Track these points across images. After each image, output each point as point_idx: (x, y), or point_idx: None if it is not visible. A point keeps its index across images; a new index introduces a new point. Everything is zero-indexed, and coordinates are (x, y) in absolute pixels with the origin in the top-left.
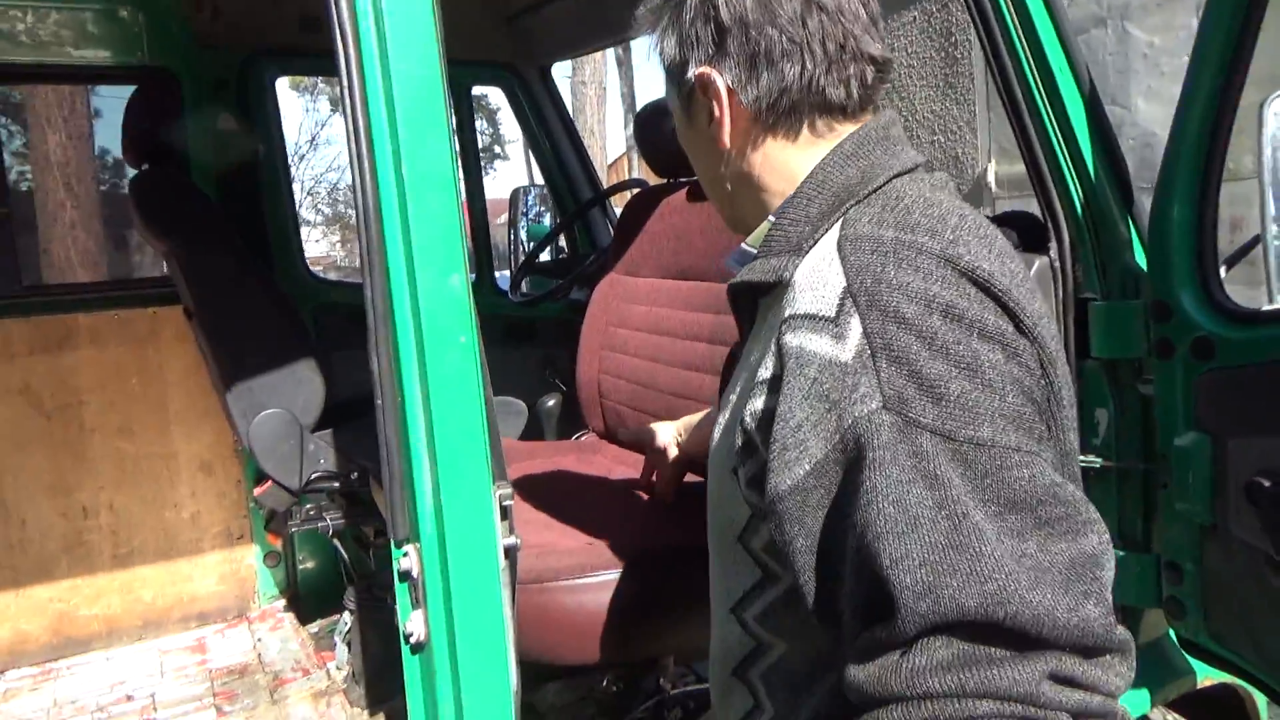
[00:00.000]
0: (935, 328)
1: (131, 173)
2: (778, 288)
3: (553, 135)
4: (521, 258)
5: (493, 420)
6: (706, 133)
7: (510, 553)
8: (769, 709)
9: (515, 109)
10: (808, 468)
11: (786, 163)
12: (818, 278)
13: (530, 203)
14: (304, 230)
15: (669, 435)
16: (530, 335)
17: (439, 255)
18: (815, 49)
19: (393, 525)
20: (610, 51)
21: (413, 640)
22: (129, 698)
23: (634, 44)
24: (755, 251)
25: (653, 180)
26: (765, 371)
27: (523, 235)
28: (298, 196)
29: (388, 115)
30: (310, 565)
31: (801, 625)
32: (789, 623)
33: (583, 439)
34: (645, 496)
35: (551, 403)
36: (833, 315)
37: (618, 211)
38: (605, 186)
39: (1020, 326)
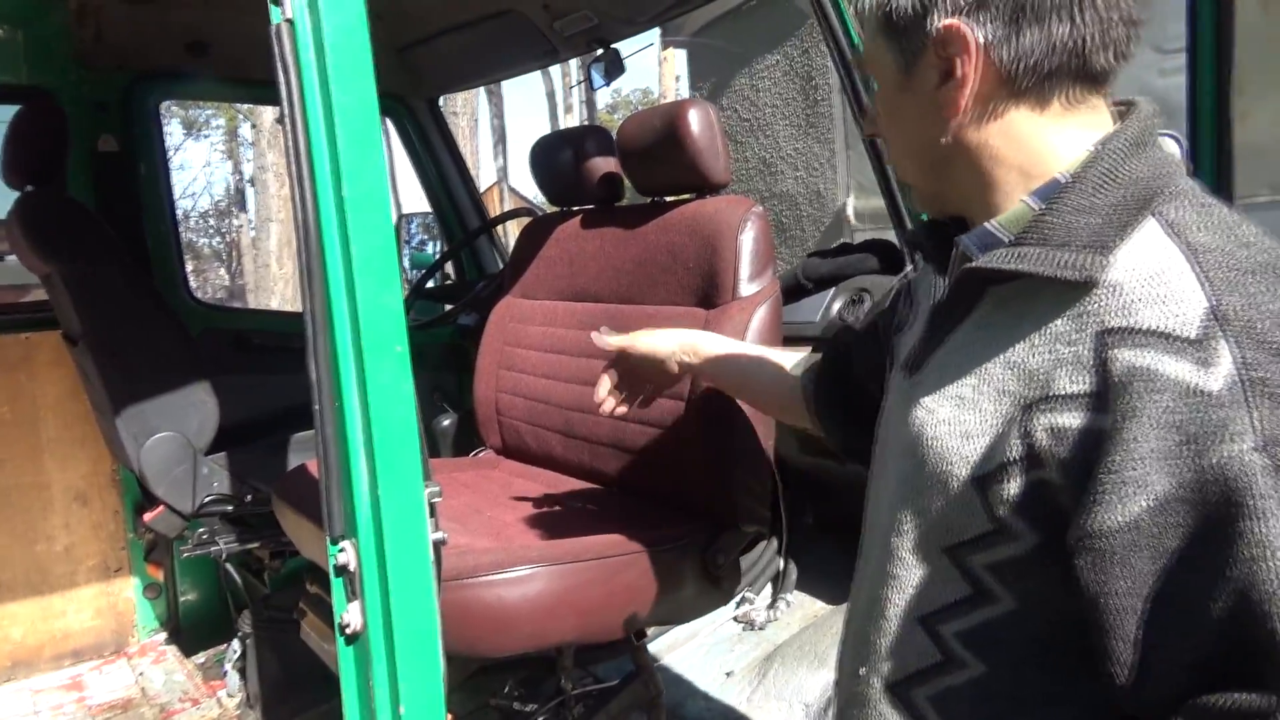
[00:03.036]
0: None
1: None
2: (1024, 280)
3: (440, 165)
4: (405, 285)
5: (422, 424)
6: (933, 95)
7: (437, 547)
8: None
9: (403, 139)
10: (1146, 504)
11: (1032, 135)
12: (1163, 290)
13: (413, 230)
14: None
15: (672, 347)
16: (418, 360)
17: (376, 270)
18: (1089, 6)
19: (329, 523)
20: None
21: (349, 631)
22: None
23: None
24: (1005, 236)
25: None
26: (1073, 385)
27: (405, 263)
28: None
29: (328, 141)
30: (192, 596)
31: (1022, 656)
32: (1003, 649)
33: (481, 455)
34: (546, 505)
35: (447, 422)
36: (1195, 338)
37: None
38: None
39: None
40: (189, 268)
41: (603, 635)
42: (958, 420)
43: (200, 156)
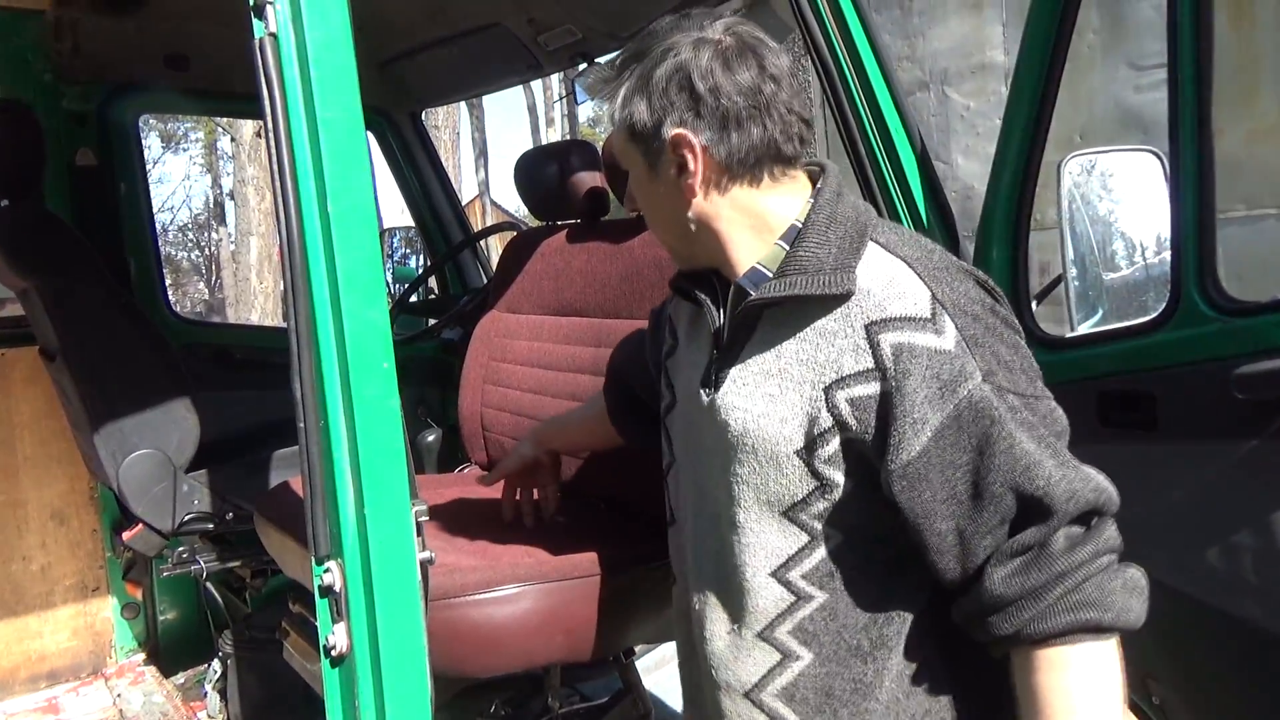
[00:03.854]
0: (990, 322)
1: None
2: (793, 301)
3: (423, 179)
4: (389, 299)
5: (408, 442)
6: (674, 182)
7: (424, 567)
8: (804, 656)
9: (386, 153)
10: (930, 435)
11: (753, 204)
12: (899, 289)
13: (395, 244)
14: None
15: (534, 450)
16: (401, 375)
17: (362, 286)
18: (773, 115)
19: (314, 543)
20: None
21: (334, 653)
22: None
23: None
24: (769, 272)
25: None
26: (857, 365)
27: (388, 278)
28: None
29: (312, 156)
30: (171, 616)
31: (850, 576)
32: (836, 576)
33: (465, 471)
34: (533, 520)
35: (432, 438)
36: (928, 317)
37: (488, 253)
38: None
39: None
40: (168, 282)
41: (591, 654)
42: (773, 412)
43: (179, 170)
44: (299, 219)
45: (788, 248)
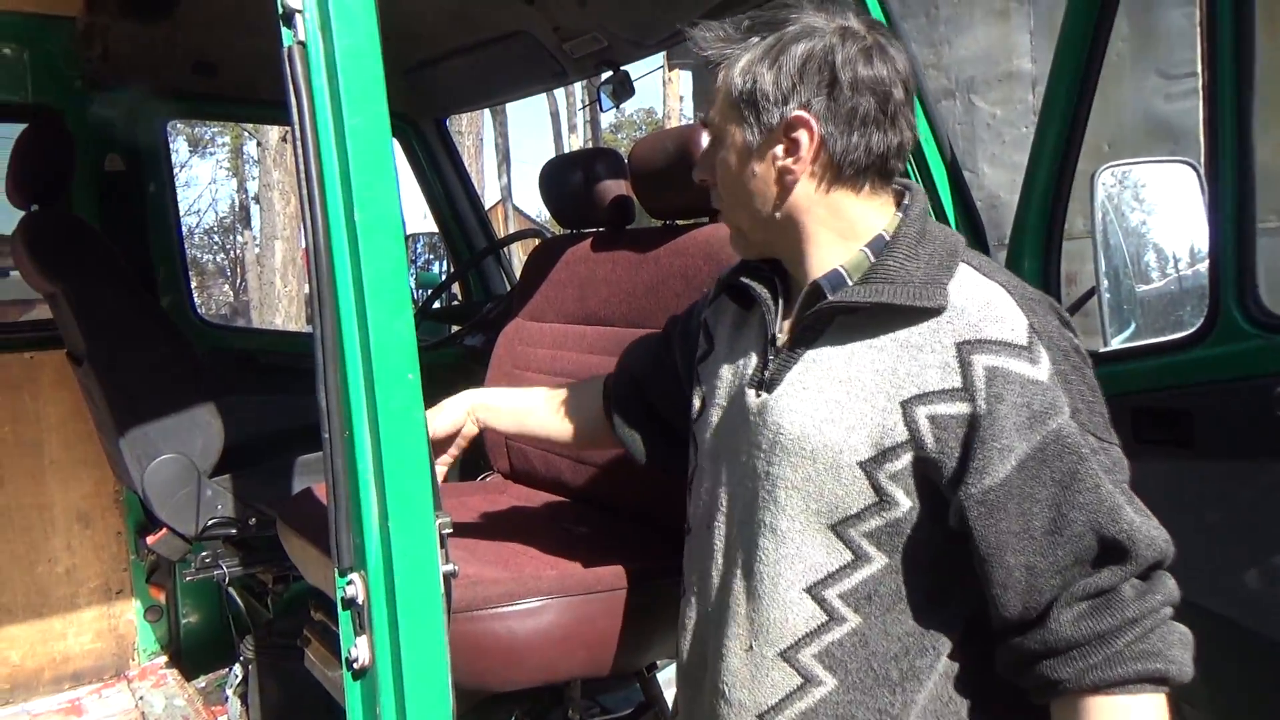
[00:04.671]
0: (1076, 361)
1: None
2: (874, 310)
3: (448, 186)
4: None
5: (432, 453)
6: (774, 164)
7: (447, 580)
8: (827, 683)
9: (410, 159)
10: (1013, 464)
11: (847, 208)
12: (996, 312)
13: (418, 250)
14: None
15: (463, 417)
16: (424, 382)
17: (388, 296)
18: (895, 123)
19: (337, 555)
20: None
21: (356, 666)
22: None
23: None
24: (851, 278)
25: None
26: (943, 383)
27: (411, 283)
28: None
29: (339, 163)
30: (194, 619)
31: (888, 603)
32: (874, 600)
33: (488, 480)
34: (555, 532)
35: None
36: (1026, 345)
37: (511, 259)
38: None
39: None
40: (193, 284)
41: (613, 669)
42: (839, 419)
43: (205, 174)
44: (325, 227)
45: (873, 257)
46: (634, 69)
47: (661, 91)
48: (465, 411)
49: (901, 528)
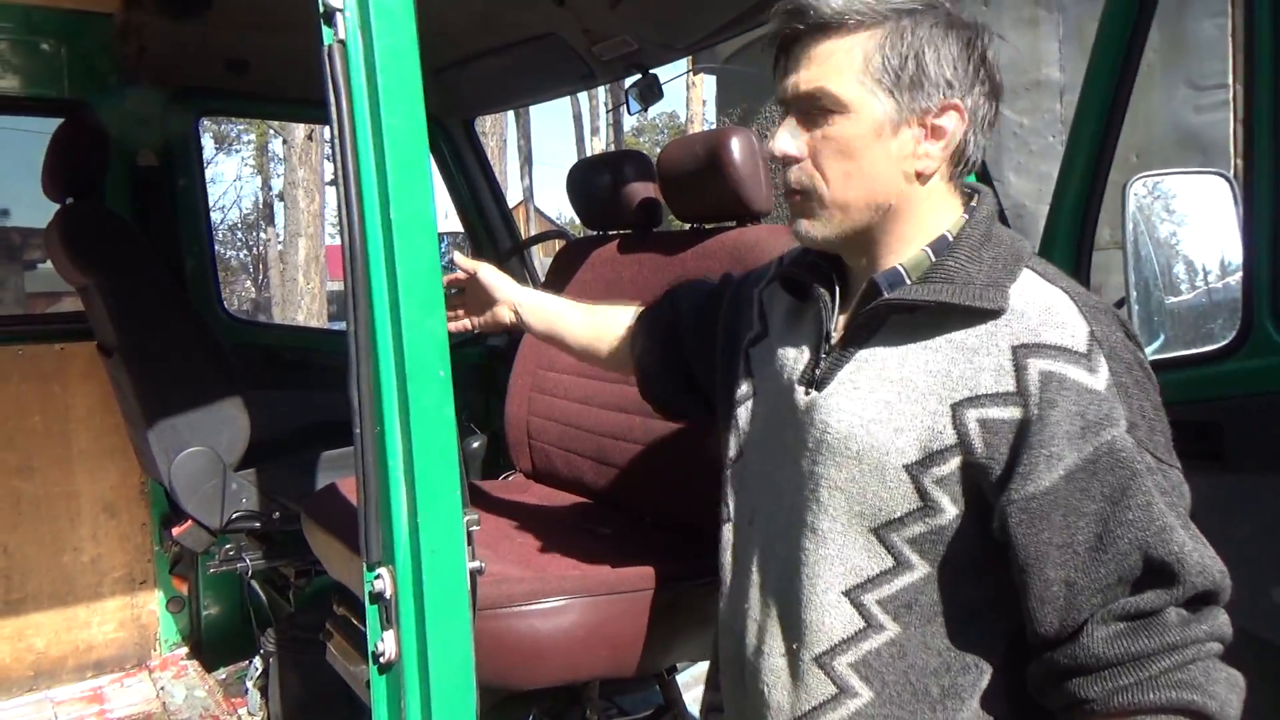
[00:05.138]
0: (1139, 375)
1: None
2: (931, 310)
3: (474, 186)
4: None
5: (461, 451)
6: (902, 149)
7: (474, 576)
8: (863, 694)
9: (438, 159)
10: (1061, 473)
11: (942, 204)
12: (1056, 317)
13: (442, 250)
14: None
15: (511, 297)
16: None
17: (422, 294)
18: (994, 123)
19: (366, 549)
20: None
21: (383, 660)
22: None
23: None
24: (909, 277)
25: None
26: (997, 386)
27: None
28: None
29: (376, 162)
30: (215, 610)
31: (928, 613)
32: (913, 609)
33: (510, 479)
34: (578, 533)
35: (476, 444)
36: (1084, 352)
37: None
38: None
39: None
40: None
41: (635, 670)
42: (888, 420)
43: (230, 171)
44: (361, 224)
45: (934, 257)
46: (659, 72)
47: (685, 95)
48: (514, 298)
49: (945, 535)
